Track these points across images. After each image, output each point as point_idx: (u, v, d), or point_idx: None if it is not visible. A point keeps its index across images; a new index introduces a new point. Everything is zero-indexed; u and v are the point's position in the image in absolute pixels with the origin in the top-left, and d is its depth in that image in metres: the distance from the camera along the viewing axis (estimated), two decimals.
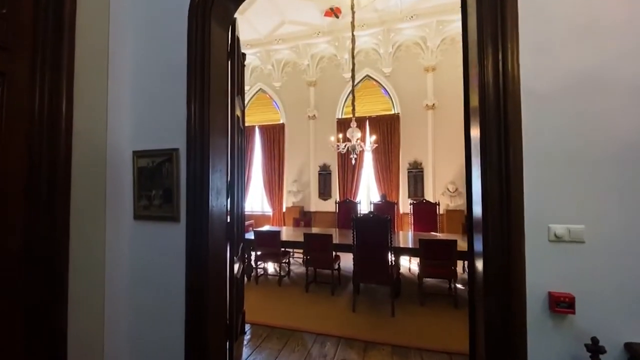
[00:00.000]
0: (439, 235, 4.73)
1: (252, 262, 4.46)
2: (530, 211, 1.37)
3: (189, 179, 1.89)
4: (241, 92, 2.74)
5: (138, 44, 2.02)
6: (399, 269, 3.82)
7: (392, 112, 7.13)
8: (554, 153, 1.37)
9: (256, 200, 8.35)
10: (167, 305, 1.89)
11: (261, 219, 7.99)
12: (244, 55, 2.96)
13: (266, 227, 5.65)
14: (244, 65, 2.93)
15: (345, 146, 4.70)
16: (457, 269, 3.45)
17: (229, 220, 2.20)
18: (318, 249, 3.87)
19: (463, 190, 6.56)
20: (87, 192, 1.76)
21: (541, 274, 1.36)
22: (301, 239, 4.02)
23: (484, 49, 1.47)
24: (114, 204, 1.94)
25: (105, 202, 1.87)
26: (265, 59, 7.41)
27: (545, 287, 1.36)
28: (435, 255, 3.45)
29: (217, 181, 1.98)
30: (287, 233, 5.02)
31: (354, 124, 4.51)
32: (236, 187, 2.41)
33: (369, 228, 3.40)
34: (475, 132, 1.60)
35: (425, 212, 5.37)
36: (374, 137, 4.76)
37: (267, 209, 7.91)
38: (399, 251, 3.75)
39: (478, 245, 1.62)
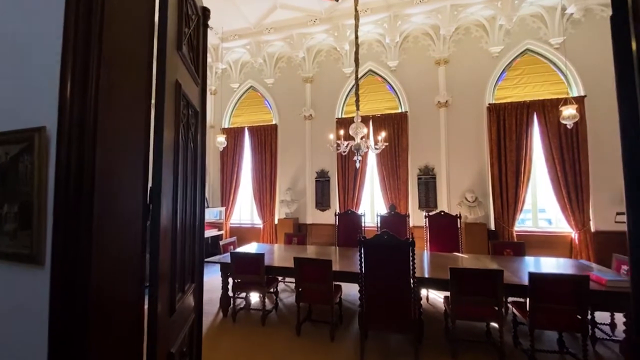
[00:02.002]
0: (465, 257, 3.80)
1: (230, 292, 3.50)
2: None
3: (60, 185, 0.98)
4: (194, 50, 1.83)
5: None
6: (421, 306, 2.88)
7: (399, 110, 6.29)
8: None
9: (245, 210, 7.42)
10: None
11: (250, 232, 7.04)
12: (206, 11, 2.08)
13: (253, 246, 4.70)
14: (204, 24, 2.05)
15: (347, 145, 3.81)
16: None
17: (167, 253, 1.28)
18: (313, 279, 2.93)
19: (484, 199, 5.67)
20: None
21: None
22: (291, 262, 3.08)
23: None
24: None
25: None
26: (256, 52, 6.60)
27: None
28: (473, 290, 2.52)
29: (125, 188, 1.07)
30: (277, 254, 4.08)
31: (358, 118, 3.63)
32: (178, 198, 1.49)
33: (383, 255, 2.49)
34: None
35: (443, 227, 4.46)
36: (383, 134, 3.88)
37: (258, 221, 6.97)
38: (422, 283, 2.82)
39: None
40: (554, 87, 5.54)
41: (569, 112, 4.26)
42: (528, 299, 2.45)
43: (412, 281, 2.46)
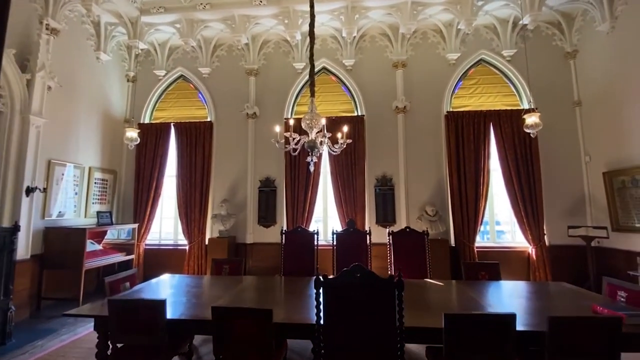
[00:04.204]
0: (439, 284, 3.12)
1: None
2: None
3: None
4: None
5: None
6: None
7: (355, 114, 5.65)
8: None
9: (168, 227, 5.93)
10: None
11: (174, 256, 5.56)
12: None
13: (165, 280, 3.41)
14: None
15: (298, 142, 2.89)
16: None
17: None
18: (241, 339, 1.87)
19: (444, 213, 5.24)
20: None
21: None
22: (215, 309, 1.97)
23: None
24: None
25: None
26: (188, 33, 5.38)
27: None
28: (476, 344, 1.75)
29: None
30: (197, 292, 2.89)
31: (312, 105, 2.76)
32: None
33: (353, 301, 1.58)
34: None
35: (409, 246, 3.77)
36: (345, 129, 3.06)
37: (184, 241, 5.54)
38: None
39: None
40: (507, 99, 5.48)
41: (532, 119, 4.02)
42: (547, 353, 1.77)
43: (398, 341, 1.59)
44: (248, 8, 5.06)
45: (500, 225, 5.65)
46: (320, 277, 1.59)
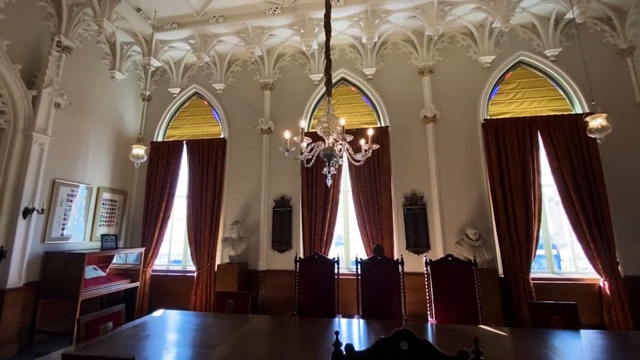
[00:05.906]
0: (501, 334, 2.38)
1: None
2: None
3: None
4: None
5: None
6: None
7: (378, 125, 5.14)
8: None
9: (177, 250, 5.52)
10: None
11: (182, 283, 5.08)
12: None
13: (157, 317, 2.90)
14: None
15: (312, 150, 2.38)
16: None
17: None
18: None
19: (488, 237, 4.47)
20: None
21: None
22: None
23: None
24: None
25: None
26: (201, 47, 5.22)
27: None
28: None
29: None
30: (184, 339, 2.34)
31: (330, 107, 2.27)
32: None
33: None
34: None
35: (452, 279, 3.06)
36: (371, 132, 2.51)
37: (192, 267, 5.07)
38: None
39: None
40: (554, 103, 4.78)
41: (597, 122, 3.31)
42: None
43: None
44: (262, 19, 4.82)
45: (556, 249, 4.76)
46: (342, 348, 1.00)
